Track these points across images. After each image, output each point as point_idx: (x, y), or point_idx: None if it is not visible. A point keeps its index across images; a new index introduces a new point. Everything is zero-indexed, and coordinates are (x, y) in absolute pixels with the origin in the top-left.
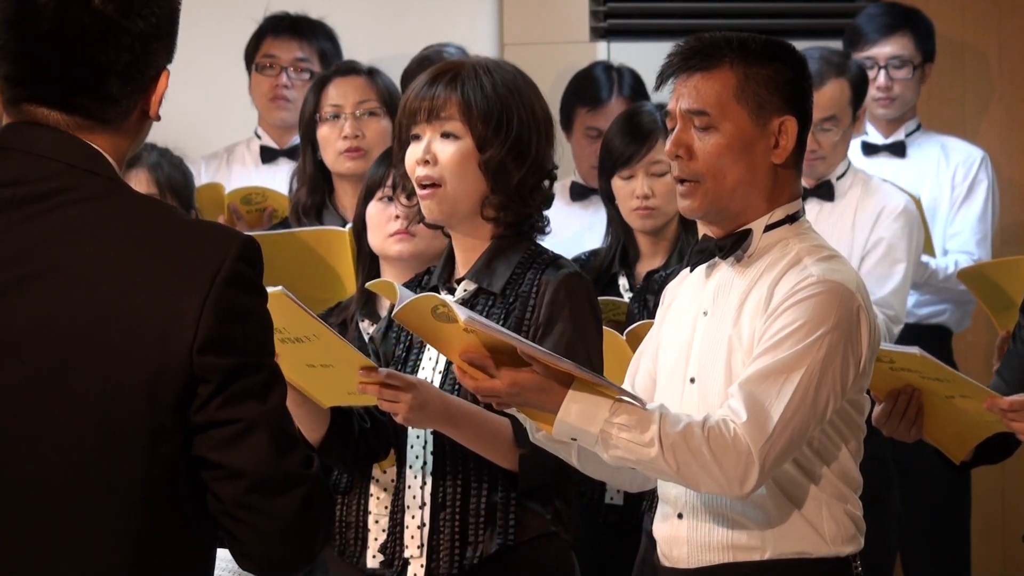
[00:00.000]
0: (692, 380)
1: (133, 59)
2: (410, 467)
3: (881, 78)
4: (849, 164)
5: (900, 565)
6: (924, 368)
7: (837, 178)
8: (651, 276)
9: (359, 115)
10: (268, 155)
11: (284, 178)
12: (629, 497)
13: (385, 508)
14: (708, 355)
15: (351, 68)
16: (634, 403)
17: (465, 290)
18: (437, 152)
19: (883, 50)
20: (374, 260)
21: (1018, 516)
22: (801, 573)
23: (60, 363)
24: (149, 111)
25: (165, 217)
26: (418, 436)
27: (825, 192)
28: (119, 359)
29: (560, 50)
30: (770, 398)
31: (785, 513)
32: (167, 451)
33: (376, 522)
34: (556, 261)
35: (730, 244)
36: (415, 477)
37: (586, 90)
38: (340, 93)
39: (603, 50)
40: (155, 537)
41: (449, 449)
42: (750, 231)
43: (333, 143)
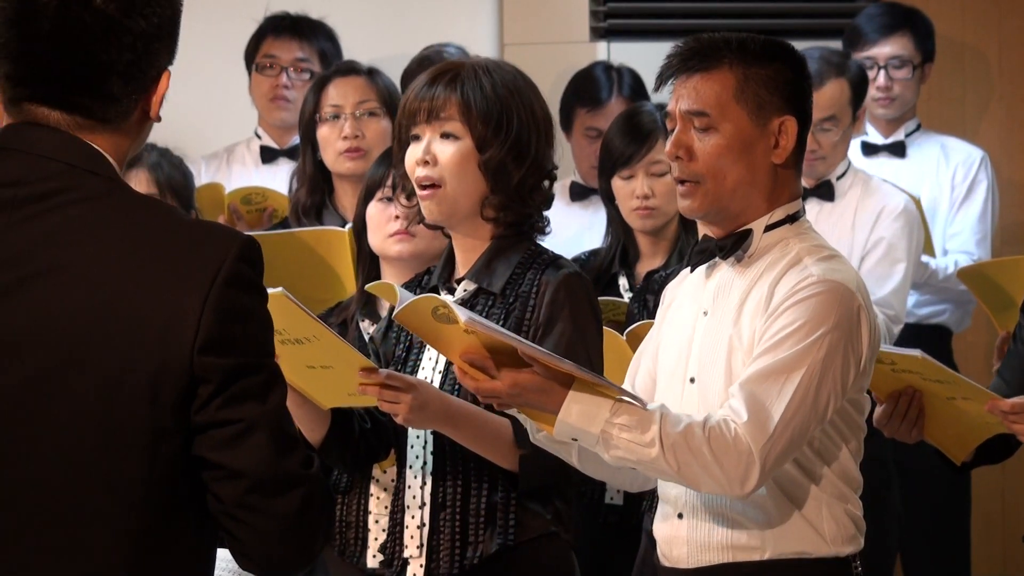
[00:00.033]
0: (692, 380)
1: (134, 58)
2: (410, 467)
3: (881, 78)
4: (849, 164)
5: (900, 565)
6: (925, 370)
7: (837, 178)
8: (651, 276)
9: (359, 115)
10: (268, 155)
11: (284, 178)
12: (629, 497)
13: (385, 508)
14: (708, 355)
15: (351, 68)
16: (635, 403)
17: (465, 290)
18: (437, 152)
19: (883, 50)
20: (374, 260)
21: (1018, 516)
22: (801, 573)
23: (61, 363)
24: (150, 111)
25: (165, 217)
26: (418, 436)
27: (825, 192)
28: (120, 359)
29: (560, 50)
30: (771, 398)
31: (785, 513)
32: (168, 451)
33: (376, 522)
34: (556, 261)
35: (730, 244)
36: (415, 477)
37: (586, 90)
38: (340, 93)
39: (603, 50)
40: (155, 537)
41: (449, 449)
42: (750, 231)
43: (333, 143)
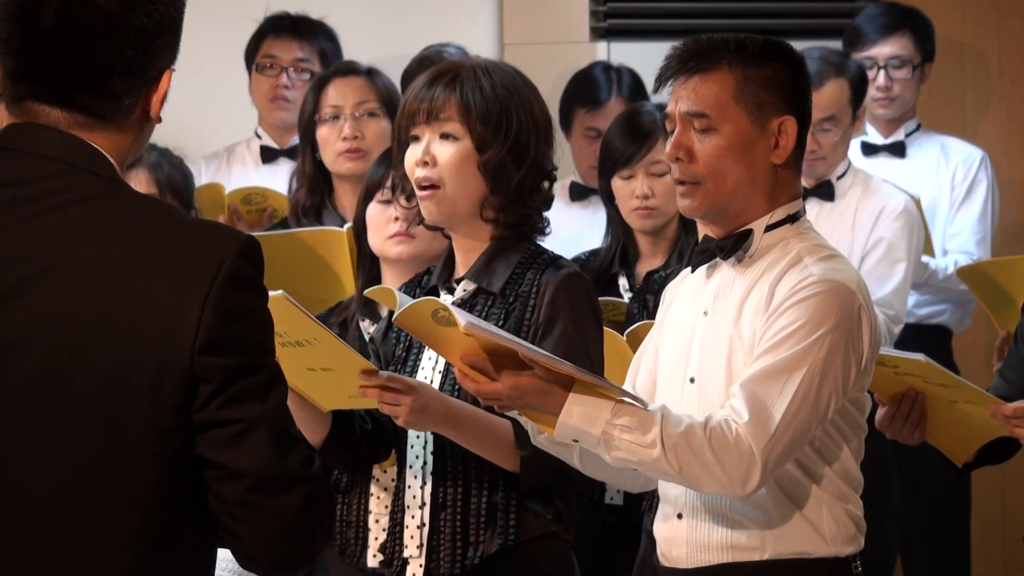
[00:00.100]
0: (692, 380)
1: (135, 55)
2: (410, 467)
3: (881, 78)
4: (849, 164)
5: (900, 565)
6: (928, 374)
7: (837, 178)
8: (651, 276)
9: (358, 116)
10: (268, 155)
11: (284, 178)
12: (629, 497)
13: (385, 508)
14: (708, 355)
15: (350, 69)
16: (635, 404)
17: (465, 290)
18: (436, 153)
19: (883, 50)
20: (374, 261)
21: (1018, 516)
22: (801, 573)
23: (61, 364)
24: (151, 111)
25: (165, 217)
26: (418, 436)
27: (825, 192)
28: (120, 359)
29: (560, 50)
30: (772, 398)
31: (785, 513)
32: (170, 451)
33: (376, 521)
34: (556, 261)
35: (731, 244)
36: (415, 477)
37: (585, 90)
38: (339, 94)
39: (603, 50)
40: (157, 537)
41: (449, 449)
42: (751, 231)
43: (332, 144)
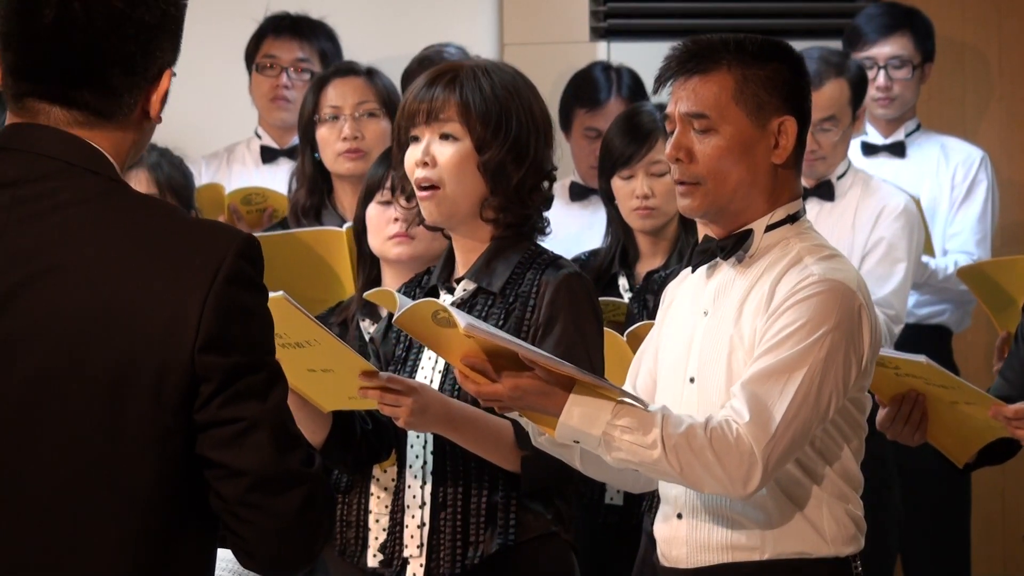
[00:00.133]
0: (692, 380)
1: (136, 50)
2: (410, 467)
3: (881, 78)
4: (849, 164)
5: (900, 565)
6: (929, 375)
7: (837, 178)
8: (651, 276)
9: (358, 116)
10: (268, 155)
11: (284, 178)
12: (629, 497)
13: (386, 507)
14: (708, 355)
15: (350, 69)
16: (636, 405)
17: (464, 290)
18: (436, 154)
19: (883, 50)
20: (374, 261)
21: (1018, 516)
22: (801, 573)
23: (62, 364)
24: (150, 111)
25: (165, 216)
26: (418, 436)
27: (825, 192)
28: (121, 359)
29: (560, 50)
30: (772, 398)
31: (786, 513)
32: (172, 451)
33: (377, 521)
34: (556, 261)
35: (731, 244)
36: (415, 477)
37: (584, 90)
38: (339, 94)
39: (603, 50)
40: (158, 537)
41: (449, 449)
42: (751, 231)
43: (332, 144)
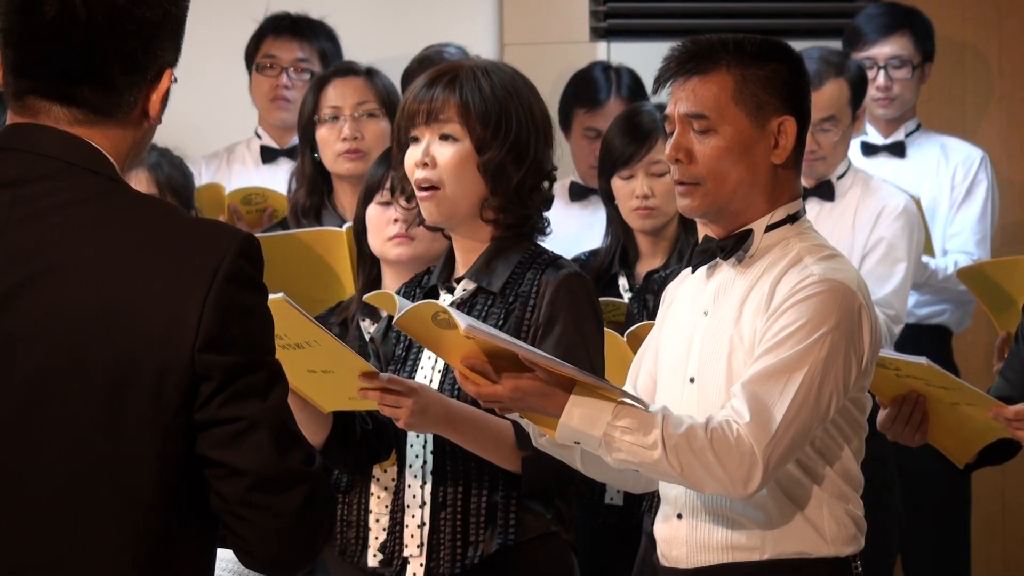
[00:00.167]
0: (692, 380)
1: (136, 47)
2: (410, 466)
3: (881, 78)
4: (849, 164)
5: (900, 565)
6: (930, 376)
7: (837, 178)
8: (651, 276)
9: (358, 116)
10: (268, 155)
11: (284, 178)
12: (629, 497)
13: (386, 507)
14: (708, 355)
15: (350, 69)
16: (636, 405)
17: (464, 289)
18: (436, 154)
19: (882, 50)
20: (374, 262)
21: (1018, 516)
22: (801, 573)
23: (62, 364)
24: (151, 110)
25: (165, 216)
26: (418, 436)
27: (825, 192)
28: (122, 359)
29: (560, 50)
30: (773, 398)
31: (786, 513)
32: (171, 450)
33: (377, 521)
34: (556, 261)
35: (731, 244)
36: (415, 476)
37: (584, 91)
38: (339, 94)
39: (603, 50)
40: (158, 537)
41: (449, 449)
42: (751, 231)
43: (332, 144)
